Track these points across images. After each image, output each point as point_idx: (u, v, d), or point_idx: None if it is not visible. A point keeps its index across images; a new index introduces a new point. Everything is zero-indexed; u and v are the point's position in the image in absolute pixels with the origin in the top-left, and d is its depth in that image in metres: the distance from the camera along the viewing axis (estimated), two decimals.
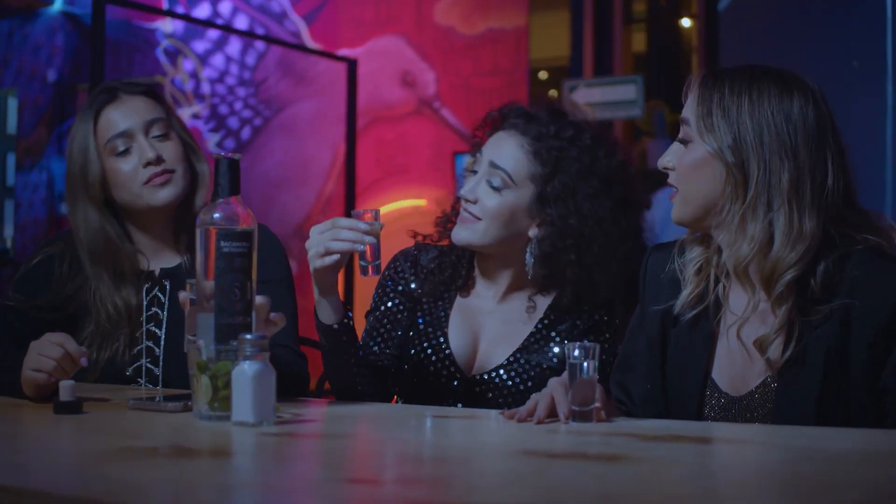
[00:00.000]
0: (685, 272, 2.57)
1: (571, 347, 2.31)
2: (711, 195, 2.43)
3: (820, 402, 2.35)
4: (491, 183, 2.98)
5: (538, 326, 3.05)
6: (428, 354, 3.05)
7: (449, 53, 8.30)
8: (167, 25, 7.75)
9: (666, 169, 2.52)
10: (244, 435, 2.12)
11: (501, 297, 3.11)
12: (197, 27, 7.88)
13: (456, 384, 3.02)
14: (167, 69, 7.78)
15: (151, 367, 3.04)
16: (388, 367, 3.02)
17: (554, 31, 8.27)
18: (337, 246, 2.69)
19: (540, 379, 2.95)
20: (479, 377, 3.02)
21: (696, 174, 2.45)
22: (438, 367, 3.03)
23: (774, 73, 2.44)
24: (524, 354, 3.02)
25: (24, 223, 8.32)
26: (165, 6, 8.20)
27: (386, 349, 3.07)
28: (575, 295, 3.00)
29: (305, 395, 2.94)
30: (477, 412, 2.74)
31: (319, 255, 2.70)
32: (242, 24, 8.21)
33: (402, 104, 8.46)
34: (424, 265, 3.16)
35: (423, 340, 3.07)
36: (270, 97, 8.20)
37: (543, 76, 9.69)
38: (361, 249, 2.69)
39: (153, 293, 3.09)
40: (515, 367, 3.00)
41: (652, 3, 8.45)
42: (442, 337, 3.06)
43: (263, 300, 2.41)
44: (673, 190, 2.51)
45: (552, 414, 2.32)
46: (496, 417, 2.44)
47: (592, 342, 2.34)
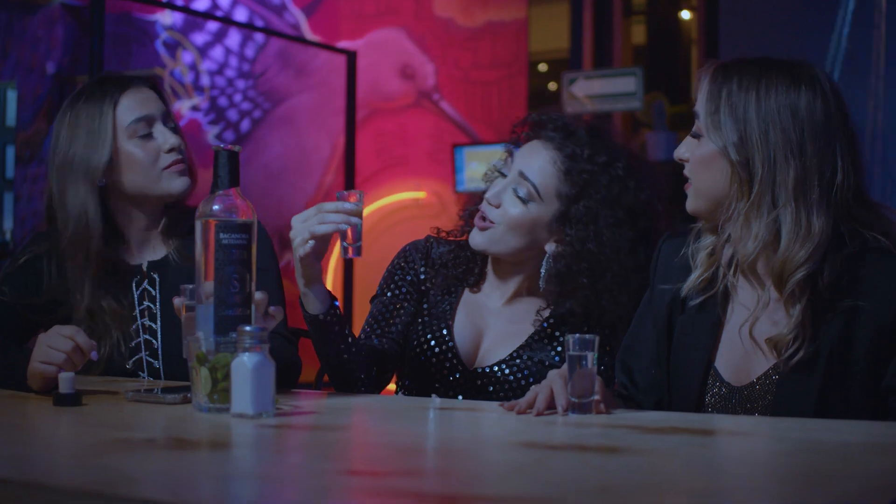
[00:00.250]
0: (697, 257, 2.57)
1: (571, 339, 2.31)
2: (720, 191, 2.43)
3: (820, 397, 2.35)
4: (517, 192, 2.98)
5: (543, 325, 3.05)
6: (431, 346, 3.05)
7: (448, 45, 8.30)
8: (166, 17, 7.73)
9: (681, 160, 2.52)
10: (243, 427, 2.12)
11: (509, 299, 3.11)
12: (196, 19, 7.87)
13: (458, 376, 3.03)
14: (166, 61, 7.77)
15: (151, 360, 3.04)
16: (385, 353, 3.02)
17: (553, 23, 8.27)
18: (323, 228, 2.67)
19: (541, 374, 2.94)
20: (480, 370, 3.02)
21: (704, 169, 2.45)
22: (441, 358, 3.03)
23: (784, 66, 2.43)
24: (527, 351, 3.02)
25: (23, 216, 8.31)
26: None
27: (385, 335, 3.07)
28: (581, 315, 3.00)
29: (297, 382, 2.94)
30: (477, 404, 2.74)
31: (304, 241, 2.69)
32: (242, 16, 8.20)
33: (401, 96, 8.46)
34: (435, 257, 3.16)
35: (426, 331, 3.07)
36: (270, 89, 8.19)
37: (543, 68, 9.70)
38: (346, 229, 2.68)
39: (143, 287, 3.09)
40: (518, 362, 3.01)
41: None
42: (446, 329, 3.06)
43: (262, 296, 2.41)
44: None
45: (551, 406, 2.32)
46: (495, 409, 2.44)
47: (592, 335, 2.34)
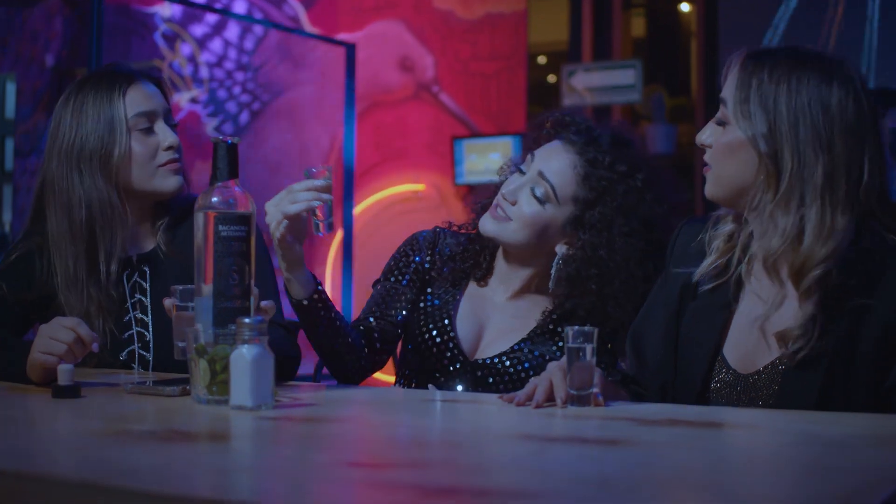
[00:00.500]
0: (713, 243, 2.56)
1: (570, 331, 2.31)
2: (743, 180, 2.42)
3: (823, 391, 2.35)
4: (534, 191, 2.98)
5: (545, 320, 3.06)
6: (433, 335, 3.06)
7: (448, 38, 8.29)
8: (165, 9, 7.73)
9: (703, 146, 2.52)
10: (242, 419, 2.12)
11: (514, 294, 3.12)
12: (195, 11, 7.86)
13: (458, 366, 3.03)
14: (165, 53, 7.76)
15: (143, 352, 3.03)
16: (380, 334, 3.04)
17: (553, 15, 8.27)
18: (294, 208, 2.68)
19: (541, 368, 2.94)
20: (480, 361, 3.03)
21: (729, 157, 2.44)
22: (441, 348, 3.04)
23: (818, 59, 2.41)
24: (528, 344, 3.03)
25: (22, 207, 8.30)
26: None
27: (384, 318, 3.07)
28: (585, 319, 2.99)
29: (296, 373, 2.94)
30: (475, 396, 2.74)
31: (278, 223, 2.69)
32: (241, 8, 8.20)
33: (400, 88, 8.46)
34: (441, 248, 3.16)
35: (428, 321, 3.08)
36: (269, 82, 8.19)
37: (542, 61, 9.69)
38: (317, 206, 2.69)
39: (133, 279, 3.08)
40: (519, 355, 3.01)
41: None
42: (447, 320, 3.07)
43: (254, 290, 2.41)
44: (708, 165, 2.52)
45: (550, 398, 2.32)
46: (494, 401, 2.44)
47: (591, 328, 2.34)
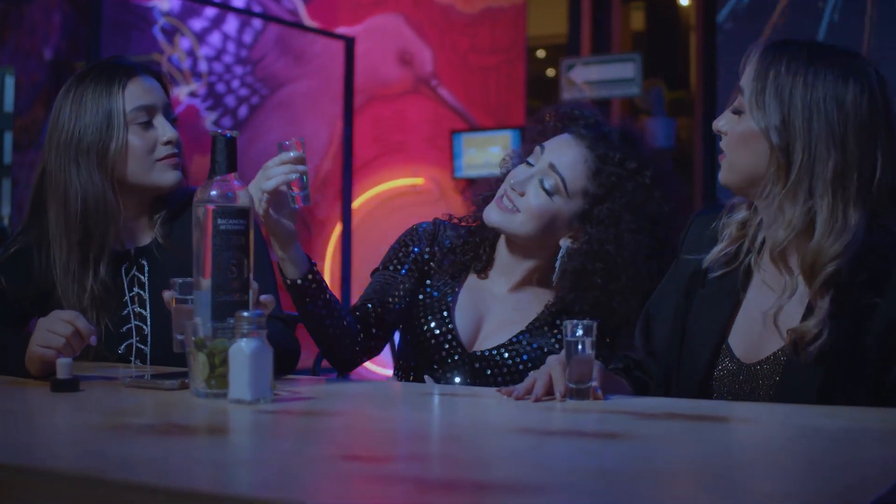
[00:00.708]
0: (725, 231, 2.57)
1: (569, 324, 2.31)
2: (755, 169, 2.42)
3: (825, 384, 2.35)
4: (543, 183, 2.99)
5: (544, 312, 3.06)
6: (431, 327, 3.06)
7: (447, 31, 8.29)
8: (164, 3, 7.72)
9: (718, 132, 2.52)
10: (241, 412, 2.12)
11: (514, 286, 3.12)
12: (194, 5, 7.85)
13: (456, 358, 3.04)
14: (164, 47, 7.75)
15: (141, 346, 3.04)
16: (376, 319, 3.04)
17: (552, 8, 8.26)
18: (271, 183, 2.69)
19: (540, 360, 2.96)
20: (479, 353, 3.03)
21: (743, 146, 2.44)
22: (440, 339, 3.05)
23: (836, 55, 2.41)
24: (527, 336, 3.03)
25: (20, 201, 8.29)
26: None
27: (382, 306, 3.07)
28: (589, 314, 2.99)
29: (296, 366, 2.94)
30: (474, 390, 2.74)
31: (259, 201, 2.71)
32: (240, 1, 8.19)
33: (399, 82, 8.45)
34: (440, 240, 3.17)
35: (427, 313, 3.08)
36: (268, 75, 8.18)
37: (541, 54, 9.68)
38: (294, 179, 2.70)
39: (132, 273, 3.08)
40: (517, 347, 3.02)
41: None
42: (446, 312, 3.07)
43: (253, 284, 2.41)
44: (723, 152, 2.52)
45: (550, 392, 2.32)
46: (493, 395, 2.44)
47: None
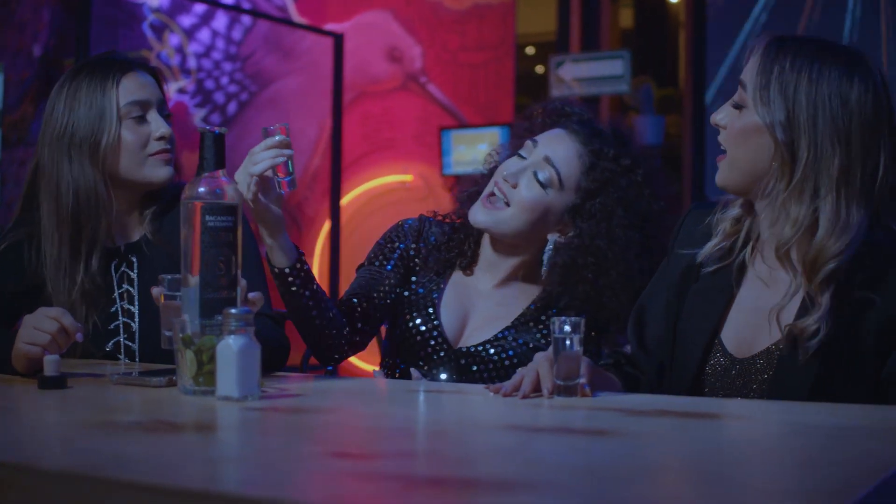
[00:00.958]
0: (719, 226, 2.57)
1: (557, 321, 2.31)
2: (758, 165, 2.42)
3: (818, 380, 2.36)
4: (538, 175, 2.99)
5: (530, 307, 3.07)
6: (416, 324, 3.07)
7: (436, 28, 8.28)
8: (153, 0, 7.71)
9: (717, 125, 2.51)
10: (228, 410, 2.12)
11: (500, 282, 3.12)
12: (183, 1, 7.84)
13: (442, 354, 3.04)
14: (153, 44, 7.74)
15: (128, 343, 3.03)
16: (362, 313, 3.05)
17: (541, 5, 8.25)
18: (259, 168, 2.70)
19: (525, 356, 2.97)
20: (464, 349, 3.03)
21: (745, 141, 2.44)
22: (426, 336, 3.05)
23: (840, 52, 2.41)
24: (512, 333, 3.03)
25: (10, 199, 8.28)
26: None
27: (368, 301, 3.07)
28: (579, 309, 3.00)
29: (286, 363, 2.94)
30: (461, 387, 2.74)
31: (248, 185, 2.72)
32: None
33: (388, 79, 8.44)
34: (426, 237, 3.17)
35: (413, 310, 3.09)
36: (257, 72, 8.17)
37: (530, 51, 9.68)
38: (280, 163, 2.70)
39: (121, 269, 3.08)
40: (503, 343, 3.02)
41: None
42: (432, 308, 3.08)
43: (241, 282, 2.41)
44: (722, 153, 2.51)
45: (537, 388, 2.32)
46: (481, 392, 2.44)
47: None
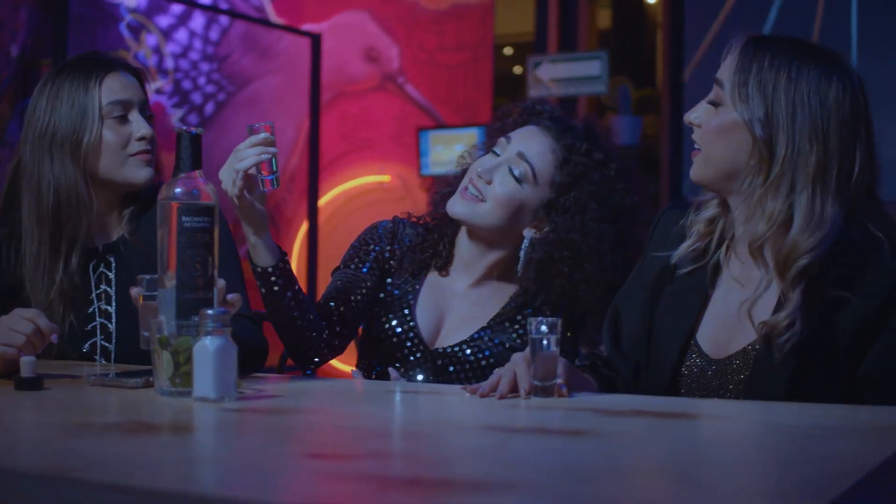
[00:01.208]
0: (694, 227, 2.58)
1: (533, 322, 2.31)
2: (734, 162, 2.43)
3: (793, 379, 2.37)
4: (513, 171, 3.00)
5: (505, 307, 3.07)
6: (392, 325, 3.07)
7: (413, 28, 8.28)
8: (131, 0, 7.69)
9: (691, 124, 2.52)
10: (205, 410, 2.12)
11: (475, 282, 3.13)
12: (160, 2, 7.82)
13: (418, 356, 3.04)
14: (130, 44, 7.72)
15: (105, 344, 3.03)
16: (341, 317, 3.05)
17: (519, 6, 8.26)
18: (244, 164, 2.70)
19: (501, 356, 2.97)
20: (440, 350, 3.04)
21: (721, 138, 2.45)
22: (402, 337, 3.05)
23: (818, 52, 2.43)
24: (488, 333, 3.04)
25: None
26: None
27: (345, 304, 3.07)
28: (555, 304, 3.01)
29: (264, 365, 2.94)
30: (439, 387, 2.75)
31: (233, 182, 2.72)
32: None
33: (366, 79, 8.44)
34: (400, 238, 3.17)
35: (388, 311, 3.09)
36: (234, 72, 8.15)
37: (508, 52, 9.69)
38: (265, 160, 2.71)
39: (99, 270, 3.08)
40: (479, 343, 3.02)
41: None
42: (407, 309, 3.08)
43: (220, 283, 2.41)
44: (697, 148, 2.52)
45: (514, 389, 2.33)
46: (458, 392, 2.44)
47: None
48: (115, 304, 3.05)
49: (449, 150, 7.66)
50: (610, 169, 3.04)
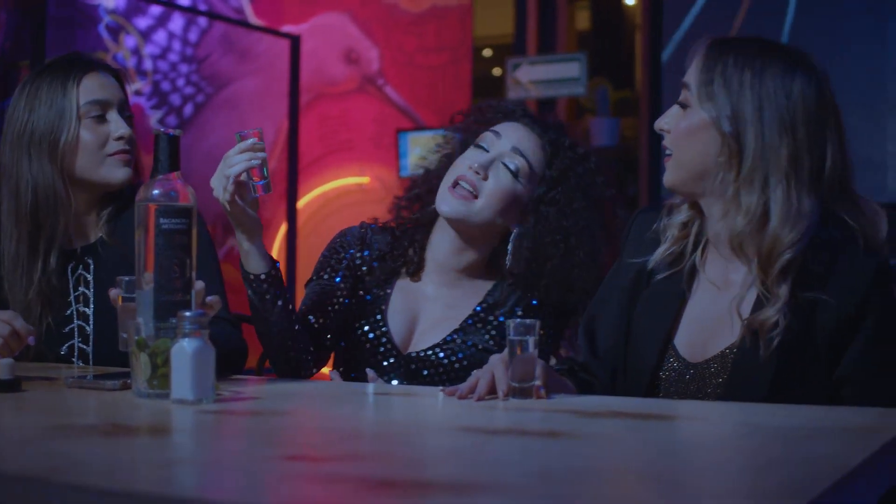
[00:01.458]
0: (668, 231, 2.59)
1: (511, 324, 2.32)
2: (705, 162, 2.44)
3: (774, 381, 2.37)
4: (508, 165, 3.00)
5: (477, 309, 3.07)
6: (365, 331, 3.06)
7: (393, 30, 8.28)
8: (109, 1, 7.67)
9: (661, 131, 2.53)
10: (183, 412, 2.12)
11: (446, 285, 3.12)
12: (139, 3, 7.81)
13: (392, 361, 3.04)
14: (109, 45, 7.70)
15: (83, 346, 3.02)
16: (323, 331, 3.06)
17: (498, 8, 8.26)
18: (234, 170, 2.72)
19: (475, 358, 2.97)
20: (414, 354, 3.03)
21: (691, 139, 2.46)
22: (374, 343, 3.05)
23: (782, 50, 2.47)
24: (461, 335, 3.04)
25: None
26: None
27: (324, 316, 3.07)
28: (546, 293, 3.02)
29: (244, 368, 2.94)
30: (417, 389, 2.75)
31: (224, 188, 2.73)
32: None
33: (345, 81, 8.43)
34: (370, 242, 3.16)
35: (361, 317, 3.08)
36: (213, 74, 8.14)
37: (487, 53, 9.69)
38: (255, 166, 2.71)
39: (78, 272, 3.07)
40: (452, 346, 3.02)
41: None
42: (379, 315, 3.07)
43: (199, 285, 2.41)
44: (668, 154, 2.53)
45: (492, 391, 2.33)
46: (436, 394, 2.45)
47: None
48: (92, 305, 3.04)
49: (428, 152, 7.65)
50: (591, 162, 3.09)
